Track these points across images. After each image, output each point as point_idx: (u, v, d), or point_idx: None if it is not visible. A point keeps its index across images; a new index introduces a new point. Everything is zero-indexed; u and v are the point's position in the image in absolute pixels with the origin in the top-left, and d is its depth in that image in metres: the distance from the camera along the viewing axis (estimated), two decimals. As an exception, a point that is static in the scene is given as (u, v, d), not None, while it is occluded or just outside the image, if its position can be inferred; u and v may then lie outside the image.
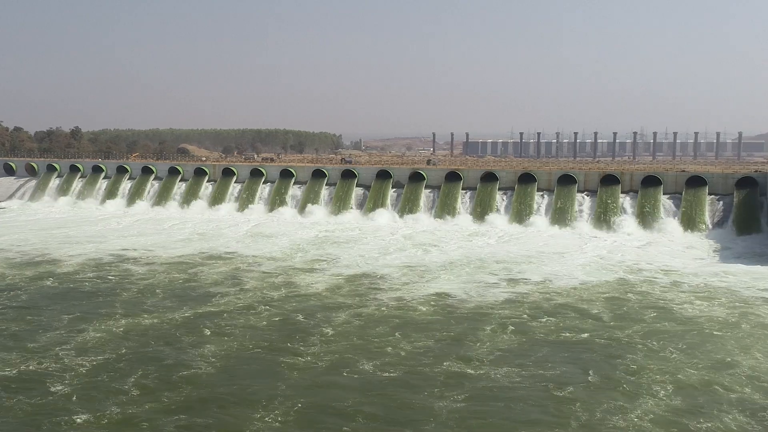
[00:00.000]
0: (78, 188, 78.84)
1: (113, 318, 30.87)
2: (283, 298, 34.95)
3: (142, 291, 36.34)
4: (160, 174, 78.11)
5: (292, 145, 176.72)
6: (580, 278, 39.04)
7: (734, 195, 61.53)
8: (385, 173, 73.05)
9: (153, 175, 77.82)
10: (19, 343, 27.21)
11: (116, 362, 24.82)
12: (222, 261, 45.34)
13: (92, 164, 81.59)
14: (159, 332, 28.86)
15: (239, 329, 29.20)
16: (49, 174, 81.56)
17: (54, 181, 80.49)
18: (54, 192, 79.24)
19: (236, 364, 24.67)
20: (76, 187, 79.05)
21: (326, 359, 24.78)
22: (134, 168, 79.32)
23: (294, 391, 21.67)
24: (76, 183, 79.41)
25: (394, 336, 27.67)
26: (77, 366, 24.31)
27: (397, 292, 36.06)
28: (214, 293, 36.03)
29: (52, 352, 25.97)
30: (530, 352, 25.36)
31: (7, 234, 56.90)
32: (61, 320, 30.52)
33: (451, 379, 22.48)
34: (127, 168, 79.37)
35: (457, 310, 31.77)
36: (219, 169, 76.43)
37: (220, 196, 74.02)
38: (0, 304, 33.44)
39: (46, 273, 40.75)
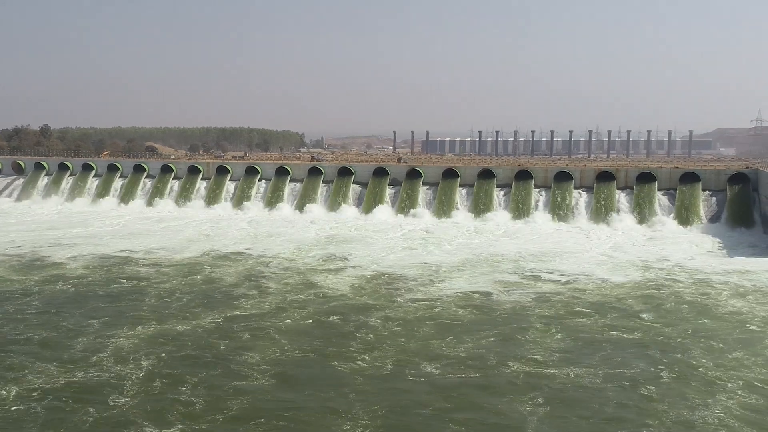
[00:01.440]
0: (68, 187, 76.55)
1: (142, 323, 29.81)
2: (308, 300, 34.25)
3: (162, 294, 35.25)
4: (152, 172, 76.37)
5: (258, 144, 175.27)
6: (600, 276, 39.19)
7: (727, 191, 62.93)
8: (381, 170, 72.69)
9: (145, 173, 76.08)
10: (53, 352, 26.02)
11: (163, 370, 23.90)
12: (232, 262, 44.32)
13: (82, 162, 79.18)
14: (195, 338, 27.93)
15: (277, 333, 28.46)
16: (38, 172, 79.00)
17: (42, 179, 77.94)
18: (43, 191, 76.79)
19: (291, 370, 23.98)
20: (66, 185, 76.70)
21: (385, 363, 24.27)
22: (125, 166, 77.36)
23: (367, 396, 21.13)
24: (66, 181, 77.00)
25: (443, 337, 27.30)
26: (126, 375, 23.34)
27: (422, 292, 35.69)
28: (237, 296, 35.16)
29: (93, 360, 24.92)
30: (591, 352, 25.27)
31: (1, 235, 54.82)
32: (89, 326, 29.35)
33: (526, 381, 22.24)
34: (118, 166, 77.40)
35: (494, 311, 31.57)
36: (213, 167, 74.99)
37: (215, 194, 72.73)
38: (18, 309, 31.96)
39: (54, 276, 39.24)
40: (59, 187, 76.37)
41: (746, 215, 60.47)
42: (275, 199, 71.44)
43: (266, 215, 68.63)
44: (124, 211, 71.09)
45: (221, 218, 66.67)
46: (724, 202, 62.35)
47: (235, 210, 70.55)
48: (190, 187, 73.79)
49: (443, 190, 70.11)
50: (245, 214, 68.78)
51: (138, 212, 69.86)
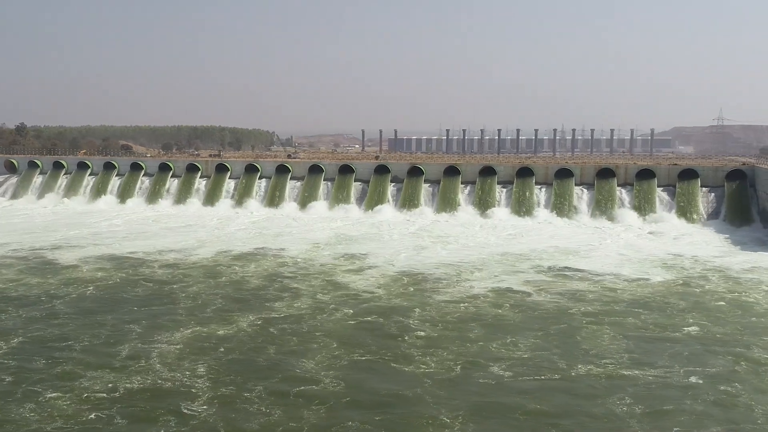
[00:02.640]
0: (63, 185, 74.84)
1: (182, 327, 29.21)
2: (341, 301, 33.90)
3: (192, 297, 34.60)
4: (149, 170, 75.10)
5: (230, 142, 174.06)
6: (626, 273, 39.48)
7: (725, 187, 64.23)
8: (383, 168, 72.60)
9: (142, 171, 74.75)
10: (100, 358, 25.32)
11: (224, 376, 23.40)
12: (249, 262, 43.67)
13: (77, 161, 77.53)
14: (241, 342, 27.43)
15: (323, 336, 28.11)
16: (32, 171, 77.04)
17: (37, 178, 76.07)
18: (37, 189, 75.00)
19: (355, 374, 23.68)
20: (61, 184, 75.00)
21: (450, 365, 24.01)
22: (122, 165, 75.93)
23: (449, 401, 20.76)
24: (61, 180, 75.27)
25: (497, 338, 27.13)
26: (187, 381, 22.84)
27: (452, 292, 35.59)
28: (267, 297, 34.70)
29: (144, 366, 24.36)
30: (656, 350, 25.41)
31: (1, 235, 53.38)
32: (128, 330, 28.64)
33: (608, 382, 22.23)
34: (114, 164, 75.87)
35: (535, 310, 31.59)
36: (212, 165, 74.03)
37: (215, 192, 71.80)
38: (48, 314, 31.03)
39: (73, 279, 38.23)
40: (55, 186, 74.70)
41: (745, 211, 61.80)
42: (277, 198, 70.85)
43: (268, 213, 68.04)
44: (124, 209, 69.82)
45: (223, 217, 65.90)
46: (723, 198, 63.65)
47: (236, 208, 69.82)
48: (189, 185, 72.75)
49: (445, 188, 70.29)
50: (247, 213, 68.13)
51: (139, 211, 68.73)
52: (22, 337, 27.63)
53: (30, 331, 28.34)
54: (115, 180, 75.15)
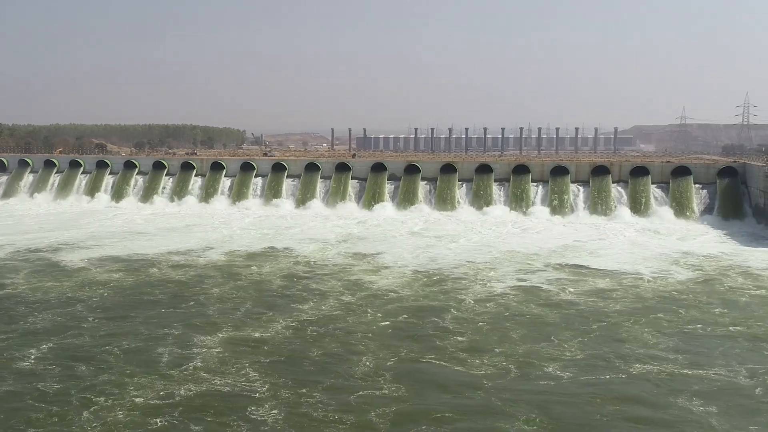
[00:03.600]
0: (56, 184, 73.15)
1: (217, 330, 28.65)
2: (367, 302, 33.60)
3: (218, 298, 33.98)
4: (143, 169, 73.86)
5: (202, 141, 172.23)
6: (642, 270, 39.72)
7: (717, 184, 65.63)
8: (380, 166, 72.48)
9: (136, 170, 73.41)
10: (144, 364, 24.60)
11: (277, 379, 23.00)
12: (263, 262, 43.07)
13: (69, 159, 75.78)
14: (281, 344, 26.98)
15: (362, 337, 27.84)
16: (22, 169, 75.02)
17: (28, 176, 74.11)
18: (29, 188, 73.15)
19: (410, 375, 23.35)
20: (54, 182, 73.26)
21: (503, 365, 23.91)
22: (115, 163, 74.51)
23: (517, 403, 20.70)
24: (53, 178, 73.47)
25: (542, 337, 27.14)
26: (242, 385, 22.43)
27: (477, 290, 35.57)
28: (294, 298, 34.24)
29: (192, 371, 23.80)
30: (707, 348, 25.56)
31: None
32: (163, 334, 27.97)
33: (675, 381, 22.38)
34: (107, 163, 74.35)
35: (569, 308, 31.56)
36: (207, 164, 73.04)
37: (212, 190, 70.91)
38: (74, 318, 30.12)
39: (88, 282, 37.27)
40: (47, 185, 72.97)
41: (737, 207, 63.25)
42: (274, 196, 70.27)
43: (267, 212, 67.46)
44: (119, 208, 68.45)
45: (222, 215, 65.07)
46: (715, 194, 65.02)
47: (233, 207, 69.07)
48: (185, 183, 71.70)
49: (442, 185, 70.47)
50: (245, 211, 67.47)
51: (135, 210, 67.44)
52: (54, 342, 26.84)
53: (62, 337, 27.56)
54: (109, 178, 73.63)
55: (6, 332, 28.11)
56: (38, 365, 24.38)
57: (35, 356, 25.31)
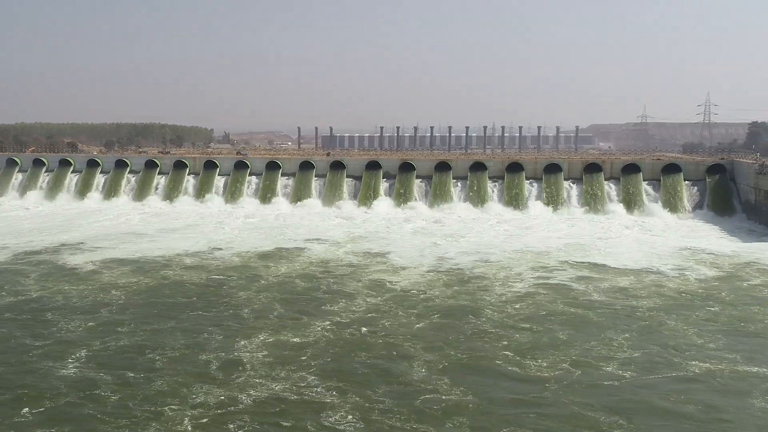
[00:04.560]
0: (46, 183, 71.16)
1: (256, 334, 28.05)
2: (397, 302, 33.26)
3: (246, 301, 33.29)
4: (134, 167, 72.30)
5: (171, 140, 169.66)
6: (660, 267, 40.23)
7: (706, 180, 67.27)
8: (374, 164, 72.25)
9: (128, 168, 71.77)
10: (195, 370, 23.88)
11: (338, 384, 22.63)
12: (276, 263, 42.45)
13: (59, 158, 73.66)
14: (325, 348, 26.53)
15: (404, 339, 27.58)
16: (10, 168, 72.64)
17: (16, 176, 71.83)
18: (18, 187, 71.00)
19: (468, 377, 23.18)
20: (43, 181, 71.25)
21: (561, 366, 23.91)
22: (106, 162, 72.79)
23: (589, 402, 20.85)
24: (43, 177, 71.43)
25: (587, 336, 27.30)
26: (304, 391, 21.98)
27: (502, 289, 35.53)
28: (322, 300, 33.78)
29: (248, 377, 23.21)
30: (759, 346, 26.02)
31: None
32: (202, 339, 27.31)
33: (733, 378, 22.67)
34: (98, 162, 72.53)
35: (604, 306, 31.68)
36: (200, 162, 71.77)
37: (205, 189, 69.77)
38: (103, 323, 29.17)
39: (103, 285, 36.19)
40: (37, 184, 70.96)
41: (727, 203, 64.92)
42: (269, 194, 69.47)
43: (262, 210, 66.72)
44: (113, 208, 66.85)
45: (218, 214, 64.07)
46: (705, 191, 66.61)
47: (228, 205, 68.18)
48: (178, 182, 70.37)
49: (437, 183, 70.62)
50: (241, 210, 66.53)
51: (129, 209, 65.97)
52: (92, 350, 25.98)
53: (100, 343, 26.70)
54: (100, 177, 71.90)
55: (39, 339, 27.11)
56: (86, 373, 23.58)
57: (78, 365, 24.46)
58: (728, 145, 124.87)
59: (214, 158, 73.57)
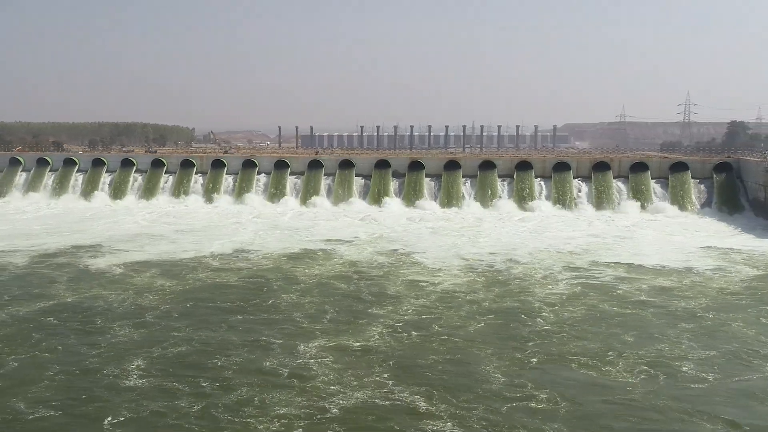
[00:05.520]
0: (50, 183, 69.43)
1: (313, 338, 27.29)
2: (444, 304, 32.54)
3: (291, 304, 32.41)
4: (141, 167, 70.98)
5: (154, 139, 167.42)
6: (693, 265, 40.61)
7: (713, 178, 68.00)
8: (383, 163, 71.77)
9: (134, 167, 70.31)
10: (266, 378, 23.09)
11: (421, 390, 22.12)
12: (309, 263, 41.84)
13: (63, 157, 71.83)
14: (389, 351, 25.80)
15: (468, 342, 26.94)
16: (14, 168, 70.57)
17: (20, 175, 69.79)
18: (23, 187, 69.04)
19: (549, 379, 22.86)
20: (48, 181, 69.43)
21: (639, 368, 23.60)
22: (112, 161, 71.20)
23: (691, 407, 20.60)
24: (47, 177, 69.53)
25: (652, 337, 27.07)
26: (395, 398, 21.33)
27: (544, 290, 35.05)
28: (368, 301, 32.98)
29: (323, 383, 22.42)
30: None
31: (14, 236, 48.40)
32: (262, 344, 26.46)
33: None
34: (104, 161, 70.89)
35: (657, 307, 31.49)
36: (208, 161, 70.64)
37: (214, 188, 68.87)
38: (148, 327, 28.29)
39: (140, 288, 35.02)
40: (41, 183, 69.23)
41: (734, 200, 65.70)
42: (278, 193, 68.62)
43: (272, 209, 65.83)
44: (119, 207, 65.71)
45: (229, 214, 63.03)
46: (712, 188, 67.35)
47: (238, 205, 67.14)
48: (186, 181, 69.09)
49: (447, 182, 70.34)
50: (250, 209, 65.69)
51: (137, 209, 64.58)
52: (152, 356, 25.02)
53: (158, 349, 25.75)
54: (106, 176, 70.37)
55: (94, 347, 26.08)
56: (156, 382, 22.68)
57: (143, 373, 23.52)
58: (706, 144, 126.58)
59: (222, 157, 72.45)
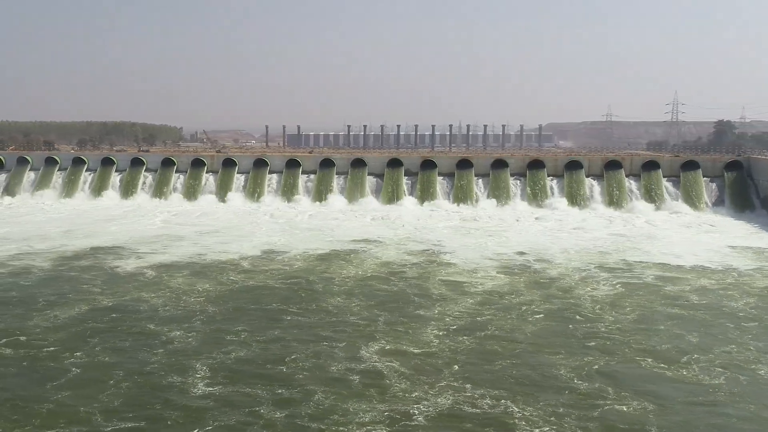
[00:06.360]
0: (59, 182, 67.98)
1: (372, 342, 26.55)
2: (493, 305, 31.85)
3: (338, 307, 31.67)
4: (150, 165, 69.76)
5: (144, 138, 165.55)
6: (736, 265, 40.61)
7: (724, 177, 68.43)
8: (395, 162, 71.28)
9: (144, 167, 69.17)
10: (345, 388, 22.39)
11: (504, 395, 21.69)
12: (341, 264, 41.16)
13: (71, 157, 70.29)
14: (453, 356, 25.07)
15: (527, 344, 26.53)
16: (22, 167, 69.04)
17: (28, 174, 68.27)
18: (30, 186, 67.56)
19: (620, 381, 22.59)
20: (57, 180, 67.96)
21: (715, 370, 23.30)
22: (121, 160, 69.81)
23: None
24: (56, 176, 68.06)
25: (720, 338, 26.73)
26: (477, 403, 20.87)
27: (587, 289, 34.83)
28: (414, 303, 32.24)
29: (402, 390, 21.77)
30: None
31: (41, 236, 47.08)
32: (321, 349, 25.71)
33: None
34: (113, 160, 69.60)
35: (709, 308, 31.17)
36: (219, 160, 69.77)
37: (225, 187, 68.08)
38: (199, 331, 27.54)
39: (177, 291, 34.08)
40: (50, 183, 67.89)
41: (746, 199, 66.17)
42: (291, 192, 67.88)
43: (286, 209, 65.13)
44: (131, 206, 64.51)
45: (242, 213, 62.24)
46: (723, 187, 67.77)
47: (252, 204, 66.40)
48: (197, 181, 68.18)
49: (460, 180, 70.04)
50: (265, 208, 65.04)
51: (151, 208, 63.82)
52: (215, 362, 24.20)
53: (218, 354, 24.94)
54: (115, 176, 69.18)
55: (152, 352, 25.19)
56: (230, 389, 21.90)
57: (211, 380, 22.72)
58: (693, 143, 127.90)
59: (233, 156, 71.52)
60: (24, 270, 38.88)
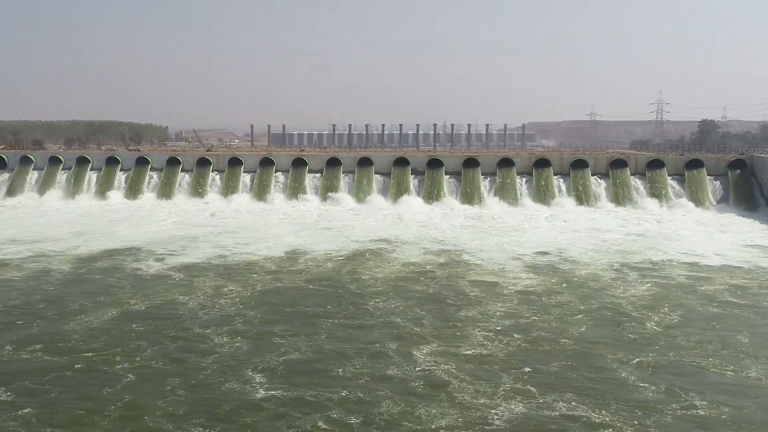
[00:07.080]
0: (64, 182, 66.35)
1: (422, 344, 26.12)
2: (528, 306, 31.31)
3: (377, 308, 31.11)
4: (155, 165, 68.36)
5: (131, 137, 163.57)
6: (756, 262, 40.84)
7: (728, 175, 69.10)
8: (402, 160, 70.90)
9: (149, 165, 67.77)
10: (406, 392, 21.92)
11: (567, 397, 21.44)
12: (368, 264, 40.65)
13: (75, 156, 68.75)
14: (512, 357, 24.85)
15: (576, 344, 26.43)
16: (25, 166, 67.27)
17: (32, 174, 66.62)
18: (35, 186, 65.94)
19: (685, 384, 22.45)
20: (61, 180, 66.33)
21: (766, 370, 23.76)
22: (125, 160, 68.39)
23: None
24: (60, 176, 66.50)
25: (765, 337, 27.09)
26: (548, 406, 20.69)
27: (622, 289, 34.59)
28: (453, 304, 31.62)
29: (469, 395, 21.26)
30: None
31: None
32: (373, 350, 25.28)
33: None
34: (118, 159, 68.32)
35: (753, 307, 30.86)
36: (224, 159, 68.73)
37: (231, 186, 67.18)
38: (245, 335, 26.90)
39: (210, 292, 33.34)
40: (54, 182, 66.26)
41: (750, 197, 66.85)
42: (299, 191, 67.28)
43: (294, 207, 64.62)
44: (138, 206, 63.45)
45: (252, 212, 61.47)
46: (728, 185, 68.44)
47: (259, 203, 65.61)
48: (204, 180, 67.12)
49: (467, 179, 69.86)
50: (272, 207, 64.32)
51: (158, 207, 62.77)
52: (267, 366, 23.53)
53: (273, 357, 24.37)
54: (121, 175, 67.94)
55: (202, 357, 24.48)
56: (286, 393, 21.24)
57: (268, 385, 22.07)
58: (677, 143, 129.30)
59: (239, 155, 70.56)
60: (43, 273, 37.77)
